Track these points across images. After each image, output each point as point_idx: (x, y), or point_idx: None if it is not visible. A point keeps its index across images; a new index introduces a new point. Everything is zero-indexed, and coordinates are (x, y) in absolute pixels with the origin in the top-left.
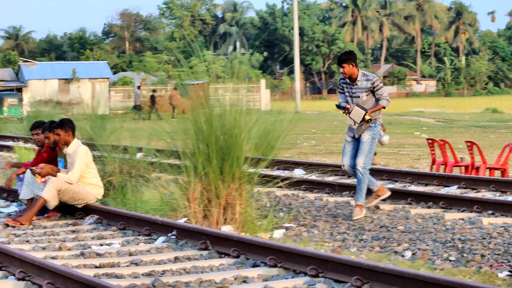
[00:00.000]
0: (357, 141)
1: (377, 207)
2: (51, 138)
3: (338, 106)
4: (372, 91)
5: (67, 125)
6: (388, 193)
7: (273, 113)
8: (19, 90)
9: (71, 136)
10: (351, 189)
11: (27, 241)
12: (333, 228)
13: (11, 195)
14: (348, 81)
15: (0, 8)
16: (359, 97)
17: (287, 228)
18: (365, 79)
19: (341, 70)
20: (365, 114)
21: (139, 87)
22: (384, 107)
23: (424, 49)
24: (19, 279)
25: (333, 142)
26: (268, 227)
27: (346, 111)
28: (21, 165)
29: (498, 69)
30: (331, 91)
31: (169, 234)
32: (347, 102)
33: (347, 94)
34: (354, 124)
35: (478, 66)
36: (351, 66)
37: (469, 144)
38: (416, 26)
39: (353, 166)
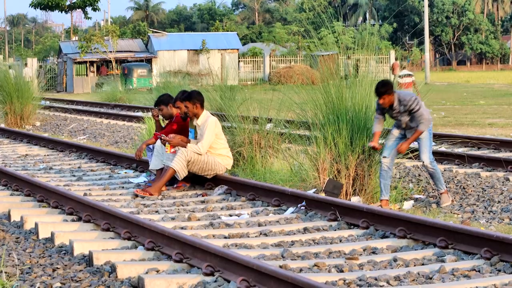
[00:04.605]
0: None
1: (507, 179)
2: (182, 108)
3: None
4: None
5: (194, 97)
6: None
7: None
8: (149, 61)
9: (199, 108)
10: (481, 161)
11: (156, 212)
12: (462, 199)
13: (140, 165)
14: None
15: None
16: (400, 120)
17: (416, 199)
18: (402, 104)
19: (381, 101)
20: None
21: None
22: (422, 132)
23: None
24: (148, 249)
25: (462, 114)
26: (397, 198)
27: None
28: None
29: None
30: (460, 63)
31: (299, 205)
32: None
33: (388, 116)
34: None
35: None
36: (391, 96)
37: None
38: None
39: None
